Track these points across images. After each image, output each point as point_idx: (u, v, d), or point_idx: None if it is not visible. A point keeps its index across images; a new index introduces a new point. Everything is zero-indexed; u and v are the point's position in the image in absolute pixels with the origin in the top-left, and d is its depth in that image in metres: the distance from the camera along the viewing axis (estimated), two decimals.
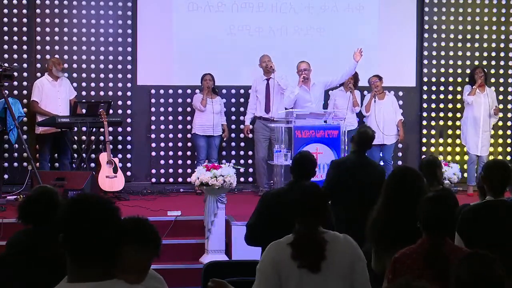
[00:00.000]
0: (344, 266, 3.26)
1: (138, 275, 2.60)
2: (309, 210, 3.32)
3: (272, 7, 9.82)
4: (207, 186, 6.79)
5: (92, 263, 2.34)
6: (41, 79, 8.87)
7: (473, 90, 9.26)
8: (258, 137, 9.07)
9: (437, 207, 3.36)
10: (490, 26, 10.22)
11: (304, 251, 3.24)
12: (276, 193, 4.84)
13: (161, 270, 7.22)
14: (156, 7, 9.61)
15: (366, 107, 9.24)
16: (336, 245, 3.28)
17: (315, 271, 3.22)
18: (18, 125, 7.82)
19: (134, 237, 2.61)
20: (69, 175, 8.01)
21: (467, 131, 9.40)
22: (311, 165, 4.84)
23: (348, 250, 3.31)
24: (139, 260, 2.61)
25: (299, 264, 3.23)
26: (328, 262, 3.24)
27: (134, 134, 9.66)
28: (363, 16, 9.96)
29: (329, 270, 3.23)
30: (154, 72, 9.63)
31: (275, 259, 3.29)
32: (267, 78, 9.04)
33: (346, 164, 5.71)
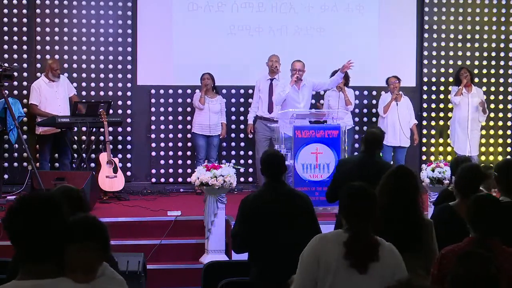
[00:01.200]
0: (386, 272, 3.25)
1: (85, 274, 2.58)
2: (359, 210, 3.31)
3: (272, 7, 9.82)
4: (207, 186, 6.79)
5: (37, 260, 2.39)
6: (38, 81, 8.82)
7: (459, 90, 9.25)
8: (259, 137, 9.05)
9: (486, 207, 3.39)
10: (490, 26, 10.22)
11: (359, 252, 3.24)
12: (254, 197, 4.76)
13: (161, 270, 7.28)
14: (156, 7, 9.61)
15: (384, 108, 9.21)
16: (384, 250, 3.29)
17: (362, 272, 3.23)
18: (18, 125, 7.81)
19: (78, 235, 2.59)
20: (69, 175, 8.00)
21: (455, 132, 9.41)
22: (279, 161, 4.76)
23: (393, 259, 3.31)
24: (84, 258, 2.58)
25: (351, 263, 3.23)
26: (375, 265, 3.24)
27: (134, 134, 9.66)
28: (363, 16, 9.96)
29: (374, 273, 3.24)
30: (154, 72, 9.63)
31: (318, 251, 3.29)
32: (271, 78, 9.04)
33: (351, 163, 5.68)
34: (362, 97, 9.87)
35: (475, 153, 9.35)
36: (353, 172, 5.42)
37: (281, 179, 4.78)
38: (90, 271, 2.61)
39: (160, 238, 7.16)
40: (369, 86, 9.80)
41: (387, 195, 3.88)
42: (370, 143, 5.63)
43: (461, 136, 9.32)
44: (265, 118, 8.95)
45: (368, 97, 10.00)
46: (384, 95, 9.47)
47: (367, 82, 9.61)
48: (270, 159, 4.78)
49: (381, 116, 9.32)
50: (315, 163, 7.47)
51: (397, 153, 9.29)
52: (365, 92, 9.89)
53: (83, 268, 2.58)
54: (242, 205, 4.75)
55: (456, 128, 9.39)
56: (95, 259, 2.62)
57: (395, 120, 9.12)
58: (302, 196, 4.79)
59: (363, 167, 5.44)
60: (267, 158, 4.80)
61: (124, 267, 5.41)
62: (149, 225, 7.39)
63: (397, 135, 9.22)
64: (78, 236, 2.58)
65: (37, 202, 2.45)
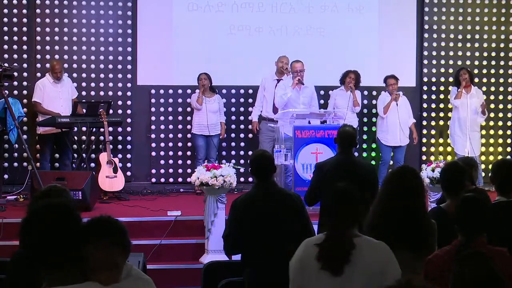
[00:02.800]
0: (371, 272, 3.22)
1: (109, 274, 2.57)
2: (337, 212, 3.30)
3: (272, 7, 9.82)
4: (207, 186, 6.79)
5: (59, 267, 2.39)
6: (42, 79, 8.86)
7: (458, 93, 9.22)
8: (263, 138, 9.00)
9: (473, 208, 3.37)
10: (490, 26, 10.22)
11: (328, 253, 3.24)
12: (244, 199, 4.74)
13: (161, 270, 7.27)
14: (156, 7, 9.61)
15: (384, 109, 9.19)
16: (366, 251, 3.25)
17: (336, 274, 3.21)
18: (18, 125, 7.80)
19: (95, 234, 2.59)
20: (69, 175, 8.00)
21: (454, 132, 9.39)
22: (267, 162, 4.73)
23: (380, 258, 3.27)
24: (105, 257, 2.57)
25: (322, 265, 3.23)
26: (352, 267, 3.21)
27: (134, 134, 9.66)
28: (363, 16, 9.95)
29: (353, 275, 3.21)
30: (154, 72, 9.62)
31: (301, 256, 3.31)
32: (278, 78, 9.01)
33: (328, 166, 5.53)
34: (362, 97, 9.86)
35: (477, 153, 9.33)
36: (331, 174, 5.36)
37: (271, 179, 4.73)
38: (113, 270, 2.60)
39: (160, 238, 7.15)
40: (369, 86, 9.79)
41: (389, 195, 3.87)
42: (343, 141, 5.54)
43: (460, 136, 9.32)
44: (269, 119, 8.91)
45: (368, 97, 9.99)
46: (382, 95, 9.45)
47: (367, 82, 9.59)
48: (258, 160, 4.75)
49: (381, 116, 9.32)
50: (315, 163, 7.45)
51: (396, 153, 9.29)
52: (365, 92, 9.88)
53: (105, 267, 2.57)
54: (233, 207, 4.73)
55: (455, 128, 9.38)
56: (115, 256, 2.61)
57: (395, 120, 9.12)
58: (292, 196, 4.77)
59: (340, 168, 5.36)
60: (255, 159, 4.77)
61: None
62: (149, 225, 7.38)
63: (396, 135, 9.22)
64: (94, 235, 2.58)
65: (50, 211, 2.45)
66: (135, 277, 2.69)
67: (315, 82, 9.21)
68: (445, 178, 4.30)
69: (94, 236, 2.58)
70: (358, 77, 9.13)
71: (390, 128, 9.20)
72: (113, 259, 2.60)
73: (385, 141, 9.29)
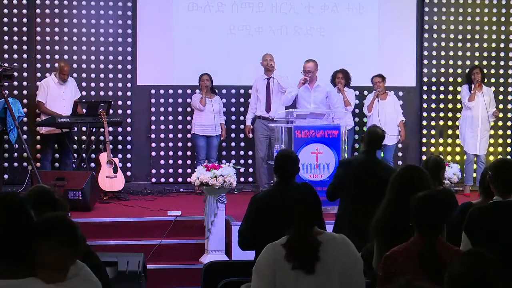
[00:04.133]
0: (340, 266, 3.25)
1: (55, 273, 2.57)
2: (301, 211, 3.31)
3: (272, 7, 9.82)
4: (207, 186, 6.80)
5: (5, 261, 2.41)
6: (47, 79, 8.85)
7: (472, 95, 9.19)
8: (258, 137, 9.06)
9: (430, 206, 3.36)
10: (490, 26, 10.22)
11: (297, 253, 3.24)
12: (264, 195, 4.77)
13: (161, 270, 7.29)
14: (156, 7, 9.61)
15: (368, 107, 9.22)
16: (331, 246, 3.27)
17: (309, 272, 3.22)
18: (18, 125, 7.81)
19: (44, 232, 2.58)
20: (69, 175, 8.00)
21: (465, 131, 9.38)
22: (294, 163, 4.76)
23: (345, 251, 3.30)
24: (53, 257, 2.56)
25: (293, 265, 3.22)
26: (323, 263, 3.23)
27: (134, 134, 9.66)
28: (363, 16, 9.96)
29: (324, 271, 3.23)
30: (154, 72, 9.62)
31: (270, 260, 3.29)
32: (268, 77, 9.05)
33: (353, 164, 5.68)
34: (362, 97, 9.87)
35: (483, 152, 9.32)
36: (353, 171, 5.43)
37: (292, 180, 4.74)
38: (60, 270, 2.58)
39: (160, 238, 7.16)
40: (369, 86, 9.78)
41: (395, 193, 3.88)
42: (373, 142, 5.63)
43: (470, 135, 9.30)
44: (264, 118, 8.96)
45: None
46: (370, 94, 9.47)
47: (367, 82, 9.59)
48: (284, 159, 4.76)
49: (366, 115, 9.33)
50: (315, 163, 7.47)
51: (384, 152, 9.29)
52: (365, 92, 9.88)
53: (52, 266, 2.56)
54: (251, 203, 4.76)
55: (466, 128, 9.36)
56: (63, 256, 2.59)
57: (380, 119, 9.10)
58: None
59: (362, 167, 5.44)
60: (281, 158, 4.79)
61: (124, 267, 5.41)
62: (149, 225, 7.38)
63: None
64: (45, 234, 2.57)
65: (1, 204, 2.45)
66: (83, 277, 2.67)
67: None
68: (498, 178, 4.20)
69: (44, 234, 2.57)
70: (347, 75, 9.15)
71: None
72: (61, 259, 2.59)
73: None
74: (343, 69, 9.22)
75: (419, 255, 3.27)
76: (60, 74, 8.70)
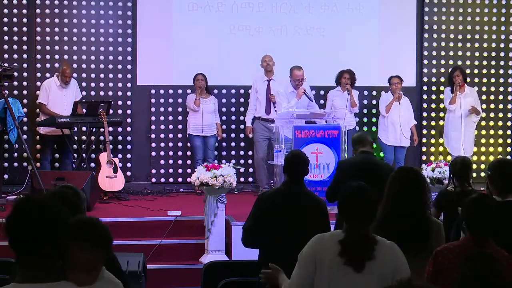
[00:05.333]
0: (386, 271, 3.25)
1: (87, 276, 2.58)
2: (361, 209, 3.31)
3: (272, 7, 9.81)
4: (207, 186, 6.80)
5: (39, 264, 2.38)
6: (49, 80, 8.84)
7: (453, 98, 9.19)
8: (258, 138, 9.05)
9: (483, 207, 3.39)
10: (490, 26, 10.22)
11: (353, 249, 3.24)
12: (271, 194, 4.78)
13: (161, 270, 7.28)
14: (156, 7, 9.61)
15: (386, 108, 9.19)
16: (382, 249, 3.28)
17: (358, 270, 3.23)
18: (18, 125, 7.81)
19: (79, 235, 2.59)
20: (69, 175, 8.00)
21: (449, 133, 9.39)
22: (304, 164, 4.78)
23: (394, 257, 3.30)
24: (86, 259, 2.57)
25: (346, 261, 3.22)
26: (372, 264, 3.24)
27: (134, 134, 9.66)
28: (363, 16, 9.95)
29: (371, 272, 3.23)
30: (154, 72, 9.62)
31: (316, 251, 3.29)
32: (268, 79, 9.04)
33: (349, 164, 5.69)
34: (362, 97, 9.87)
35: (469, 154, 9.31)
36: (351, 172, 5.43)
37: (300, 181, 4.75)
38: (91, 272, 2.60)
39: (160, 238, 7.16)
40: (369, 86, 9.80)
41: (393, 194, 3.88)
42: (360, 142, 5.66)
43: (454, 137, 9.31)
44: (263, 119, 8.95)
45: (368, 97, 9.99)
46: (384, 94, 9.46)
47: (367, 82, 9.60)
48: (293, 159, 4.77)
49: (382, 115, 9.31)
50: (315, 163, 7.47)
51: (397, 153, 9.30)
52: (365, 92, 9.89)
53: (85, 268, 2.57)
54: (258, 201, 4.75)
55: (448, 129, 9.38)
56: (97, 259, 2.62)
57: (395, 120, 9.13)
58: (319, 200, 4.79)
59: (361, 167, 5.44)
60: (291, 158, 4.79)
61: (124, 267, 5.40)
62: (149, 225, 7.39)
63: (397, 134, 9.22)
64: (78, 235, 2.58)
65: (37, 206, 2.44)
66: (107, 279, 2.68)
67: (315, 82, 9.23)
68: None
69: (77, 236, 2.57)
70: (353, 76, 9.13)
71: (390, 127, 9.21)
72: (93, 261, 2.60)
73: (386, 140, 9.30)
74: (350, 70, 9.16)
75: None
76: (62, 77, 8.69)
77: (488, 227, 3.38)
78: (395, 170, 4.16)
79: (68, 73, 8.70)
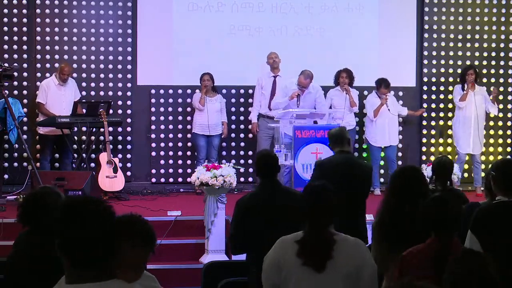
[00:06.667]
0: (349, 269, 3.25)
1: (136, 272, 2.61)
2: (318, 209, 3.32)
3: (272, 7, 9.82)
4: (207, 186, 6.79)
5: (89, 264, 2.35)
6: (48, 80, 8.84)
7: (464, 95, 9.21)
8: (261, 135, 9.06)
9: (446, 207, 3.37)
10: (490, 26, 10.22)
11: (311, 250, 3.25)
12: (249, 197, 4.77)
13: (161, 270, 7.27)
14: (156, 7, 9.61)
15: (374, 112, 9.16)
16: (344, 247, 3.28)
17: (319, 270, 3.23)
18: (18, 125, 7.81)
19: (130, 233, 2.61)
20: (69, 175, 8.00)
21: (458, 131, 9.39)
22: (273, 161, 4.79)
23: (357, 254, 3.30)
24: (136, 256, 2.62)
25: (303, 262, 3.23)
26: (333, 263, 3.24)
27: (134, 134, 9.66)
28: (363, 16, 9.96)
29: (333, 271, 3.23)
30: (154, 72, 9.63)
31: (278, 255, 3.32)
32: (274, 75, 9.05)
33: (329, 164, 5.61)
34: (362, 97, 9.86)
35: (478, 152, 9.33)
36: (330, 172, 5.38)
37: (275, 179, 4.80)
38: (139, 268, 2.65)
39: (160, 238, 7.15)
40: (369, 86, 9.78)
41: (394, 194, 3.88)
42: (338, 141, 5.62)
43: (463, 135, 9.31)
44: (267, 117, 8.93)
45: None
46: (370, 97, 9.40)
47: (367, 82, 9.60)
48: (264, 159, 4.80)
49: (370, 119, 9.30)
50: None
51: (387, 151, 9.33)
52: (365, 92, 9.88)
53: (135, 265, 2.61)
54: (238, 206, 4.75)
55: (458, 127, 9.37)
56: (143, 254, 2.67)
57: (384, 123, 9.15)
58: (297, 195, 4.79)
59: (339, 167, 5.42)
60: (261, 159, 4.82)
61: None
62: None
63: (385, 136, 9.25)
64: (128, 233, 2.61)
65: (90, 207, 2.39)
66: (145, 274, 2.78)
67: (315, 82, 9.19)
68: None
69: (127, 234, 2.59)
70: (350, 75, 9.12)
71: (378, 129, 9.25)
72: (141, 257, 2.65)
73: (374, 142, 9.32)
74: (347, 69, 9.17)
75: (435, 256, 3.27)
76: (60, 75, 8.69)
77: (453, 227, 3.35)
78: (396, 171, 4.16)
79: (66, 71, 8.69)
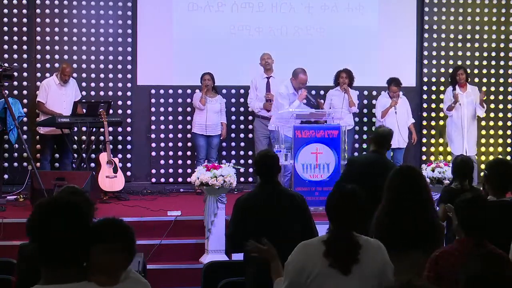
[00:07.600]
0: (374, 271, 3.26)
1: (108, 277, 2.56)
2: (346, 212, 3.31)
3: (272, 7, 9.82)
4: (207, 186, 6.79)
5: (62, 265, 2.37)
6: (48, 80, 8.84)
7: (450, 106, 9.19)
8: (258, 136, 9.07)
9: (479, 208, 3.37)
10: (490, 26, 10.22)
11: (338, 252, 3.24)
12: (248, 198, 4.77)
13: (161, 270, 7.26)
14: (156, 7, 9.61)
15: (382, 113, 9.12)
16: (368, 250, 3.28)
17: (345, 273, 3.22)
18: (18, 125, 7.81)
19: (102, 236, 2.57)
20: (69, 175, 7.99)
21: (451, 132, 9.38)
22: (272, 162, 4.77)
23: (379, 256, 3.31)
24: (108, 260, 2.56)
25: (330, 263, 3.22)
26: (359, 266, 3.23)
27: (134, 134, 9.66)
28: (363, 16, 9.96)
29: (359, 274, 3.23)
30: (154, 72, 9.63)
31: (301, 257, 3.29)
32: (268, 76, 9.06)
33: (359, 162, 5.71)
34: (362, 97, 9.87)
35: (473, 153, 9.32)
36: (360, 170, 5.44)
37: (275, 180, 4.79)
38: (113, 274, 2.58)
39: (160, 238, 7.15)
40: (369, 86, 9.80)
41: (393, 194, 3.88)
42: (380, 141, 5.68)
43: (456, 136, 9.30)
44: (263, 117, 8.97)
45: (368, 97, 9.99)
46: (381, 97, 9.40)
47: (367, 82, 9.60)
48: (263, 160, 4.79)
49: (378, 119, 9.29)
50: (315, 163, 7.48)
51: (395, 153, 9.29)
52: (365, 92, 9.89)
53: (107, 270, 2.55)
54: (236, 206, 4.76)
55: (451, 128, 9.37)
56: (120, 261, 2.60)
57: (393, 124, 9.08)
58: (296, 196, 4.79)
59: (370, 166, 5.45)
60: (260, 159, 4.81)
61: None
62: (149, 225, 7.38)
63: (395, 137, 9.19)
64: (101, 237, 2.57)
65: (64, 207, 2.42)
66: (134, 279, 2.68)
67: (315, 82, 9.20)
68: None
69: (100, 238, 2.56)
70: (350, 75, 9.11)
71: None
72: (118, 263, 2.59)
73: None
74: (347, 69, 9.15)
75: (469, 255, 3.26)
76: (62, 75, 8.69)
77: (484, 228, 3.36)
78: (394, 170, 4.16)
79: (68, 71, 8.70)
